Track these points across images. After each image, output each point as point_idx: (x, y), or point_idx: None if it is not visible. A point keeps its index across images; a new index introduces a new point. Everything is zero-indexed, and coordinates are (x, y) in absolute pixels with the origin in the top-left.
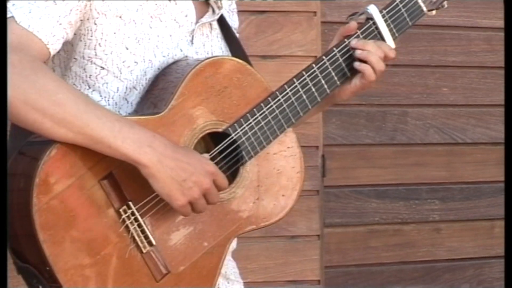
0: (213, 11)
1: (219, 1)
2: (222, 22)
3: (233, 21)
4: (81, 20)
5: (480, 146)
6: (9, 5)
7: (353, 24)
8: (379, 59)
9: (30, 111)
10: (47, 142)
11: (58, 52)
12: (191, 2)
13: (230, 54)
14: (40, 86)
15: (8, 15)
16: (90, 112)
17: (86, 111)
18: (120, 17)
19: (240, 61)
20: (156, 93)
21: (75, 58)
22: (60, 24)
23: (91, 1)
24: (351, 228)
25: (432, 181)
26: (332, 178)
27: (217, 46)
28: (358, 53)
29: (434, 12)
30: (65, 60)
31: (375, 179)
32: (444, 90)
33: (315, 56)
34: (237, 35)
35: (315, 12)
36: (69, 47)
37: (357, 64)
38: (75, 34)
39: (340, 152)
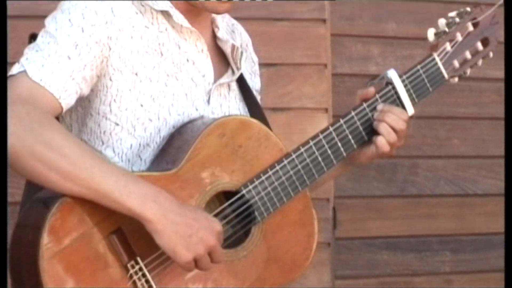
0: (233, 72)
1: (238, 62)
2: (242, 83)
3: (255, 83)
4: (97, 76)
5: (491, 198)
6: (22, 59)
7: (371, 90)
8: (390, 131)
9: (36, 164)
10: (56, 196)
11: (76, 108)
12: (209, 61)
13: (248, 115)
14: (47, 139)
15: (21, 69)
16: (96, 166)
17: (92, 164)
18: (136, 74)
19: (256, 121)
20: (172, 152)
21: (91, 114)
22: (73, 79)
23: (108, 57)
24: (362, 280)
25: (443, 233)
26: (343, 230)
27: (234, 107)
28: (374, 118)
29: (456, 79)
30: (82, 116)
31: (386, 230)
32: (455, 142)
33: (326, 109)
34: (259, 97)
35: (325, 65)
36: (86, 103)
37: (374, 136)
38: (92, 90)
39: (351, 204)
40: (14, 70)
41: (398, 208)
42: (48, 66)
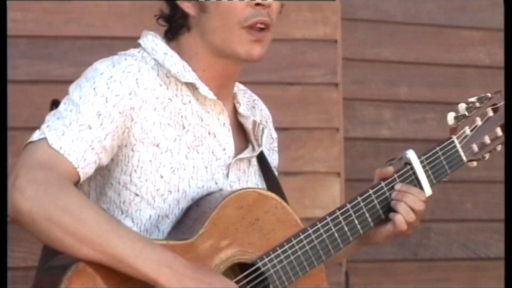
0: (253, 148)
1: (259, 139)
2: (262, 159)
3: (273, 159)
4: (118, 146)
5: (504, 262)
6: (43, 126)
7: (390, 169)
8: (409, 210)
9: (53, 228)
10: (71, 262)
11: (95, 176)
12: (231, 135)
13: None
14: (64, 203)
15: (41, 136)
16: (112, 231)
17: (108, 230)
18: (157, 145)
19: (274, 195)
20: (189, 223)
21: (111, 184)
22: (93, 148)
23: (130, 128)
24: None
25: None
26: None
27: (252, 182)
28: (393, 197)
29: (475, 163)
30: (101, 184)
31: None
32: (467, 206)
33: (338, 173)
34: (276, 173)
35: (337, 129)
36: (105, 172)
37: (391, 213)
38: (112, 159)
39: (364, 268)
40: (34, 136)
41: (411, 272)
42: (69, 135)
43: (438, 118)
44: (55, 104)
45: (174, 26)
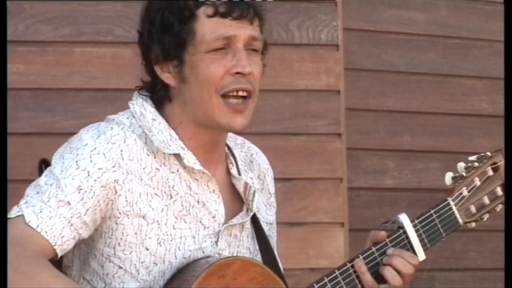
0: (247, 211)
1: (250, 203)
2: (255, 221)
3: (269, 216)
4: (101, 218)
5: None
6: (22, 201)
7: (382, 233)
8: (395, 274)
9: None
10: None
11: (79, 244)
12: (221, 202)
13: (259, 254)
14: (37, 282)
15: (19, 213)
16: None
17: None
18: (144, 217)
19: (258, 262)
20: None
21: (94, 255)
22: (72, 225)
23: (114, 200)
24: None
25: None
26: None
27: (244, 247)
28: (383, 262)
29: (473, 224)
30: (84, 253)
31: None
32: (472, 255)
33: (342, 223)
34: (275, 227)
35: (341, 179)
36: (89, 242)
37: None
38: (96, 229)
39: None
40: (12, 213)
41: None
42: (46, 212)
43: (441, 167)
44: (44, 163)
45: (156, 97)
